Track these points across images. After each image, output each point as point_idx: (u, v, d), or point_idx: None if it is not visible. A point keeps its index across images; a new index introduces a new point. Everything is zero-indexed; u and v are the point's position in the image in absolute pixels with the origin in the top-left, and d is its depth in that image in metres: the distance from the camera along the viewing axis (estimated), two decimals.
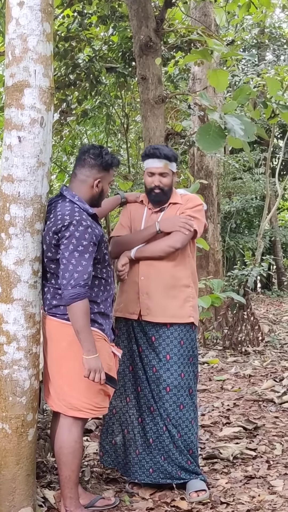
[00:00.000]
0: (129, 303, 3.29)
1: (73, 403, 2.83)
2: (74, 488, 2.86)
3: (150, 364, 3.25)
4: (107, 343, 2.94)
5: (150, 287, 3.24)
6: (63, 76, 8.07)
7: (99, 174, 2.91)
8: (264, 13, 8.70)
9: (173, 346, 3.24)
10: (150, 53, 6.69)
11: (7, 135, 2.72)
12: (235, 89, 7.90)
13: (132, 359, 3.30)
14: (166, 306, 3.23)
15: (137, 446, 3.27)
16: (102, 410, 2.93)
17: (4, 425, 2.71)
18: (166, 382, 3.21)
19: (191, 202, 3.37)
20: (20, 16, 2.68)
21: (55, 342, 2.87)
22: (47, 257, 2.81)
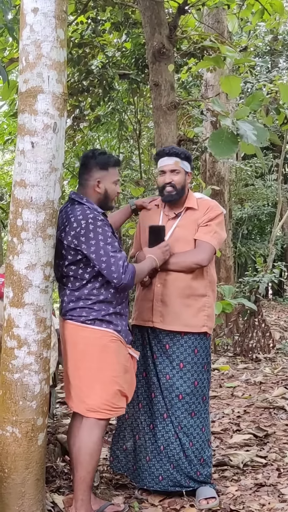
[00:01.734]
0: (144, 311, 3.28)
1: (90, 404, 2.88)
2: (87, 490, 2.88)
3: (163, 372, 3.24)
4: (123, 344, 2.97)
5: (165, 295, 3.22)
6: (76, 82, 8.11)
7: (97, 174, 3.02)
8: (278, 20, 8.69)
9: (187, 355, 3.23)
10: (163, 60, 6.71)
11: (20, 140, 2.74)
12: (248, 95, 7.89)
13: (146, 365, 3.29)
14: (179, 315, 3.21)
15: (147, 452, 3.26)
16: (119, 410, 2.96)
17: (14, 429, 2.71)
18: (179, 389, 3.20)
19: (212, 211, 3.30)
20: (34, 22, 2.70)
21: (72, 345, 2.94)
22: (67, 260, 2.91)
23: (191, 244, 3.26)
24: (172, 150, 3.30)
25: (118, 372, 2.91)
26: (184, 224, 3.28)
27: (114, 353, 2.90)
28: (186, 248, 3.24)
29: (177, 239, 3.25)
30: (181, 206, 3.33)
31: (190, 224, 3.28)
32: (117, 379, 2.91)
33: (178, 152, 3.28)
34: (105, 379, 2.88)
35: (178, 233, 3.27)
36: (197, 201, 3.35)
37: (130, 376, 3.02)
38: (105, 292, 2.92)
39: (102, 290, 2.92)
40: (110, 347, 2.90)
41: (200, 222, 3.27)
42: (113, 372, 2.90)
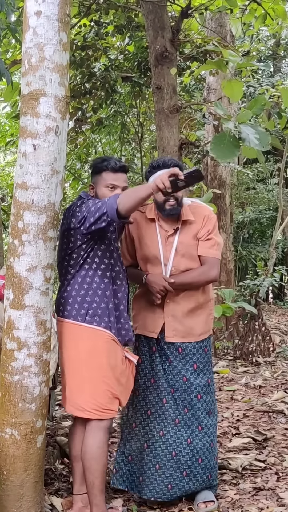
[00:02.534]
0: (149, 322, 3.26)
1: (79, 403, 2.89)
2: (98, 495, 2.85)
3: (180, 374, 3.22)
4: (117, 345, 2.94)
5: (176, 310, 3.23)
6: (79, 85, 8.13)
7: (93, 179, 3.08)
8: (280, 25, 8.72)
9: (199, 355, 3.26)
10: (165, 63, 6.72)
11: (22, 143, 2.74)
12: (250, 99, 7.91)
13: (154, 372, 3.25)
14: (193, 327, 3.25)
15: (157, 460, 3.20)
16: (109, 413, 2.90)
17: (13, 431, 2.72)
18: (197, 390, 3.22)
19: (209, 222, 3.27)
20: (37, 25, 2.71)
21: (63, 343, 2.95)
22: (69, 249, 2.93)
23: (196, 259, 3.25)
24: (172, 162, 3.20)
25: (108, 372, 2.88)
26: (185, 240, 3.24)
27: (105, 352, 2.87)
28: (192, 264, 3.24)
29: (182, 256, 3.23)
30: (178, 219, 3.26)
31: (191, 240, 3.25)
32: (106, 379, 2.87)
33: (179, 164, 3.20)
34: (93, 379, 2.86)
35: (181, 250, 3.23)
36: (190, 210, 3.29)
37: (125, 380, 2.98)
38: (98, 280, 2.90)
39: (96, 278, 2.90)
40: (101, 346, 2.87)
41: (200, 236, 3.25)
42: (103, 372, 2.87)
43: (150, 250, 3.27)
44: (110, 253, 2.97)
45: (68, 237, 2.94)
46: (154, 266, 3.26)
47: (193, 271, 3.22)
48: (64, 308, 2.94)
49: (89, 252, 2.92)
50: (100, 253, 2.94)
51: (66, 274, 2.96)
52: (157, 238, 3.26)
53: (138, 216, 3.29)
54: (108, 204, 2.76)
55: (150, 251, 3.27)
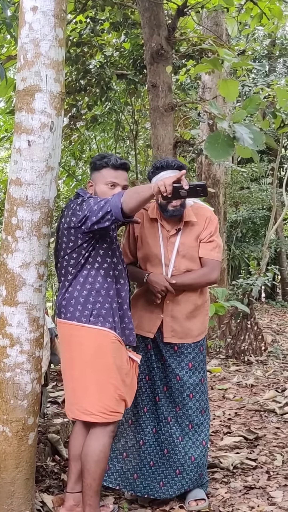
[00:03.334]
0: (145, 321, 3.24)
1: (85, 406, 2.80)
2: (94, 496, 2.81)
3: (173, 373, 3.22)
4: (122, 345, 2.88)
5: (176, 311, 3.22)
6: (74, 81, 8.11)
7: (92, 176, 3.01)
8: (276, 25, 8.72)
9: (195, 354, 3.26)
10: (161, 61, 6.72)
11: (16, 138, 2.73)
12: (245, 99, 7.91)
13: (149, 370, 3.26)
14: (191, 328, 3.24)
15: (151, 457, 3.22)
16: (116, 416, 2.83)
17: (5, 428, 2.71)
18: (190, 389, 3.22)
19: (211, 223, 3.26)
20: (33, 21, 2.70)
21: (66, 345, 2.86)
22: (64, 250, 2.85)
23: (197, 261, 3.24)
24: (176, 164, 3.17)
25: (114, 373, 2.80)
26: (186, 242, 3.23)
27: (111, 353, 2.79)
28: (193, 265, 3.23)
29: (183, 257, 3.22)
30: (180, 220, 3.25)
31: (192, 241, 3.24)
32: (113, 381, 2.80)
33: (183, 166, 3.17)
34: (100, 381, 2.78)
35: (182, 251, 3.22)
36: (192, 211, 3.27)
37: (130, 380, 2.92)
38: (101, 280, 2.82)
39: (99, 277, 2.82)
40: (107, 347, 2.79)
41: (202, 238, 3.24)
42: (109, 374, 2.79)
43: (151, 249, 3.25)
44: (112, 252, 2.89)
45: (68, 236, 2.83)
46: (154, 265, 3.24)
47: (194, 272, 3.22)
48: (66, 310, 2.83)
49: (90, 251, 2.83)
50: (102, 252, 2.85)
51: (67, 274, 2.86)
52: (159, 238, 3.25)
53: (140, 214, 3.24)
54: (111, 203, 2.68)
55: (151, 251, 3.25)
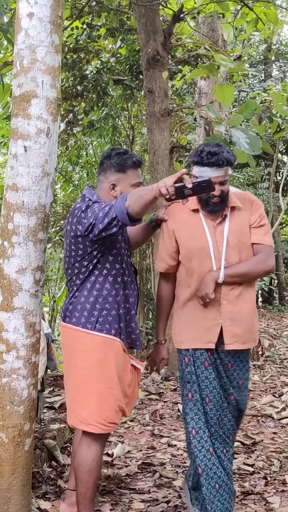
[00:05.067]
0: (203, 332, 2.82)
1: (83, 415, 2.74)
2: (88, 505, 2.79)
3: (228, 392, 2.87)
4: (125, 353, 2.82)
5: (235, 312, 2.81)
6: (70, 87, 8.13)
7: (113, 177, 2.82)
8: (272, 30, 8.76)
9: (245, 370, 2.92)
10: (157, 67, 6.74)
11: (13, 144, 2.74)
12: (241, 104, 7.93)
13: (209, 390, 2.83)
14: (251, 331, 2.86)
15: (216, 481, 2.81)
16: (112, 427, 2.78)
17: (1, 434, 2.70)
18: (240, 406, 2.93)
19: (257, 207, 2.91)
20: (29, 27, 2.71)
21: (70, 350, 2.80)
22: (73, 257, 2.78)
23: (249, 249, 2.86)
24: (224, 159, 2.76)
25: (116, 384, 2.74)
26: (236, 229, 2.84)
27: (114, 364, 2.73)
28: (244, 255, 2.84)
29: (233, 247, 2.83)
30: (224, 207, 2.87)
31: (242, 227, 2.86)
32: (115, 391, 2.74)
33: (230, 160, 2.79)
34: (102, 392, 2.72)
35: (232, 240, 2.83)
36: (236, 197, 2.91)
37: (131, 390, 2.86)
38: (109, 287, 2.75)
39: (107, 284, 2.75)
40: (111, 356, 2.73)
41: (252, 222, 2.86)
42: (111, 384, 2.73)
43: (196, 242, 2.85)
44: (121, 257, 2.81)
45: (76, 244, 2.75)
46: (202, 261, 2.83)
47: (249, 260, 2.83)
48: (72, 315, 2.77)
49: (99, 258, 2.75)
50: (111, 258, 2.77)
51: (76, 280, 2.79)
52: (204, 228, 2.86)
53: (176, 208, 2.93)
54: (116, 208, 2.57)
55: (197, 244, 2.85)
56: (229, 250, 2.82)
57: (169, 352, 6.82)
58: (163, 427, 4.89)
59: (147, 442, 4.47)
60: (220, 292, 2.79)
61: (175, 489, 3.49)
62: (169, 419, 5.15)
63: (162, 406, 5.52)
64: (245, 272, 2.81)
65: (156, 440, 4.54)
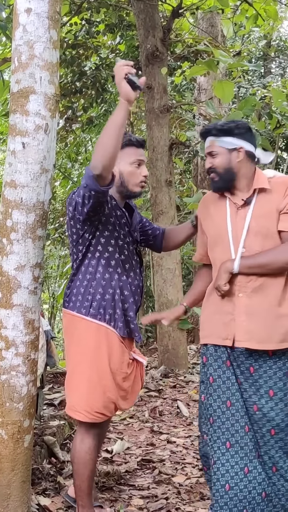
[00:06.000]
0: (219, 326, 2.58)
1: (72, 402, 2.75)
2: (85, 497, 2.80)
3: (250, 401, 2.52)
4: (121, 343, 2.76)
5: (251, 306, 2.53)
6: (69, 83, 8.12)
7: None
8: (272, 26, 8.74)
9: (278, 379, 2.51)
10: (156, 63, 6.73)
11: (11, 141, 2.73)
12: (241, 100, 7.92)
13: (230, 393, 2.55)
14: (272, 330, 2.50)
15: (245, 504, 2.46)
16: (99, 417, 2.74)
17: (1, 431, 2.70)
18: (271, 423, 2.49)
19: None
20: (27, 22, 2.70)
21: (68, 336, 2.80)
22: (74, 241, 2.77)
23: (275, 237, 2.56)
24: (205, 129, 2.63)
25: (108, 376, 2.71)
26: (260, 214, 2.56)
27: (107, 355, 2.70)
28: (269, 243, 2.55)
29: (255, 234, 2.56)
30: (247, 189, 2.63)
31: (268, 213, 2.56)
32: (105, 382, 2.71)
33: (211, 131, 2.60)
34: (92, 380, 2.70)
35: (255, 226, 2.56)
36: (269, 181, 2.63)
37: (129, 383, 2.81)
38: (102, 270, 2.72)
39: (99, 267, 2.72)
40: (104, 345, 2.70)
41: (281, 208, 2.55)
42: (102, 375, 2.71)
43: (217, 229, 2.66)
44: (115, 240, 2.75)
45: (71, 228, 2.75)
46: (223, 249, 2.62)
47: (272, 249, 2.53)
48: (69, 299, 2.77)
49: (91, 239, 2.73)
50: (103, 240, 2.72)
51: (74, 264, 2.80)
52: (226, 213, 2.63)
53: (209, 195, 2.78)
54: (85, 176, 2.47)
55: (217, 231, 2.65)
56: (250, 237, 2.55)
57: (169, 349, 6.86)
58: (163, 424, 4.89)
59: (147, 439, 4.47)
60: (237, 284, 2.56)
61: (174, 486, 3.49)
62: (168, 416, 5.15)
63: (161, 403, 5.52)
64: (264, 263, 2.51)
65: (155, 436, 4.54)
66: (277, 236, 2.56)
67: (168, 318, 2.86)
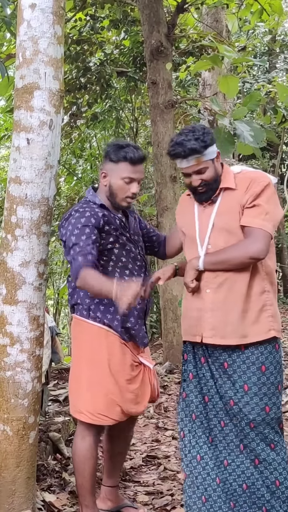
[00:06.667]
0: (192, 323, 2.62)
1: (76, 403, 2.77)
2: (87, 496, 2.79)
3: (226, 396, 2.55)
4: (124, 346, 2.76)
5: (217, 301, 2.54)
6: (74, 79, 8.10)
7: (106, 166, 2.78)
8: (277, 21, 8.70)
9: (251, 374, 2.52)
10: (161, 58, 6.71)
11: (16, 137, 2.72)
12: (245, 95, 7.89)
13: (206, 389, 2.61)
14: (237, 324, 2.51)
15: (229, 497, 2.54)
16: (103, 419, 2.72)
17: (6, 427, 2.70)
18: (248, 417, 2.51)
19: (255, 184, 2.54)
20: (31, 18, 2.69)
21: (73, 337, 2.87)
22: None
23: (238, 233, 2.55)
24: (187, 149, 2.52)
25: (108, 377, 2.70)
26: (224, 211, 2.58)
27: (106, 354, 2.70)
28: (233, 239, 2.55)
29: (219, 230, 2.57)
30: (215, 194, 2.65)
31: (232, 209, 2.56)
32: (106, 383, 2.70)
33: (195, 149, 2.52)
34: (92, 382, 2.71)
35: (219, 223, 2.57)
36: (235, 178, 2.62)
37: (135, 386, 2.78)
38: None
39: None
40: (104, 347, 2.71)
41: (244, 202, 2.54)
42: (102, 376, 2.70)
43: (186, 229, 2.71)
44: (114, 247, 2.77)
45: None
46: (191, 248, 2.67)
47: (232, 245, 2.53)
48: (75, 303, 2.80)
49: None
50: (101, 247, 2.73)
51: None
52: (194, 212, 2.68)
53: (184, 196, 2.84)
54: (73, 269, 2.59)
55: (187, 230, 2.71)
56: (215, 234, 2.58)
57: (174, 345, 6.85)
58: (168, 420, 4.89)
59: (152, 435, 4.47)
60: (204, 280, 2.58)
61: (180, 482, 3.49)
62: (173, 412, 5.14)
63: (166, 399, 5.52)
64: (225, 259, 2.52)
65: (160, 433, 4.54)
66: (240, 231, 2.56)
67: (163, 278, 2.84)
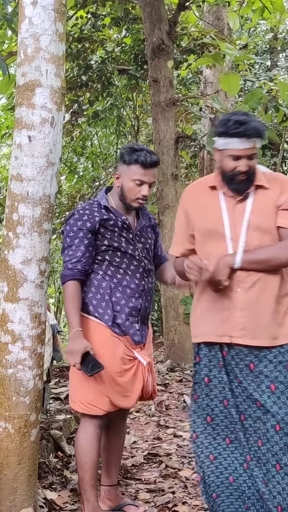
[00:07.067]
0: (217, 323, 2.51)
1: (71, 393, 2.89)
2: (89, 490, 2.80)
3: (252, 398, 2.48)
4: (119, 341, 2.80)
5: (248, 301, 2.47)
6: (75, 77, 8.10)
7: (120, 167, 2.87)
8: (278, 19, 8.69)
9: (278, 373, 2.46)
10: (162, 56, 6.70)
11: (17, 134, 2.72)
12: (247, 93, 7.88)
13: (225, 393, 2.53)
14: (268, 326, 2.47)
15: (244, 499, 2.51)
16: (92, 409, 2.77)
17: (7, 425, 2.70)
18: (275, 418, 2.43)
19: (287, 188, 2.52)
20: (33, 15, 2.68)
21: None
22: None
23: (274, 233, 2.50)
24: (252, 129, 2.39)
25: None
26: (260, 208, 2.50)
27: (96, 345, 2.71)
28: (267, 239, 2.49)
29: (254, 229, 2.48)
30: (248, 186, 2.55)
31: (267, 208, 2.50)
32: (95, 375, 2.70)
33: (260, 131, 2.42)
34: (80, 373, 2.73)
35: (255, 221, 2.48)
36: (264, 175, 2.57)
37: (125, 379, 2.81)
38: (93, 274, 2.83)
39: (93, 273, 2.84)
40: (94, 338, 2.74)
41: (280, 203, 2.49)
42: None
43: (210, 222, 2.54)
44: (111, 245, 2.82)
45: None
46: (218, 243, 2.52)
47: (272, 245, 2.48)
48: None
49: None
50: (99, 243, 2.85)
51: None
52: (220, 206, 2.54)
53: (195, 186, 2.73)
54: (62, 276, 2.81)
55: (211, 225, 2.54)
56: (250, 232, 2.48)
57: (175, 343, 6.85)
58: (169, 418, 4.89)
59: (153, 433, 4.47)
60: (235, 279, 2.47)
61: (181, 480, 3.49)
62: (175, 410, 5.15)
63: (168, 397, 5.52)
64: (266, 259, 2.45)
65: (162, 430, 4.54)
66: (276, 231, 2.50)
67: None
